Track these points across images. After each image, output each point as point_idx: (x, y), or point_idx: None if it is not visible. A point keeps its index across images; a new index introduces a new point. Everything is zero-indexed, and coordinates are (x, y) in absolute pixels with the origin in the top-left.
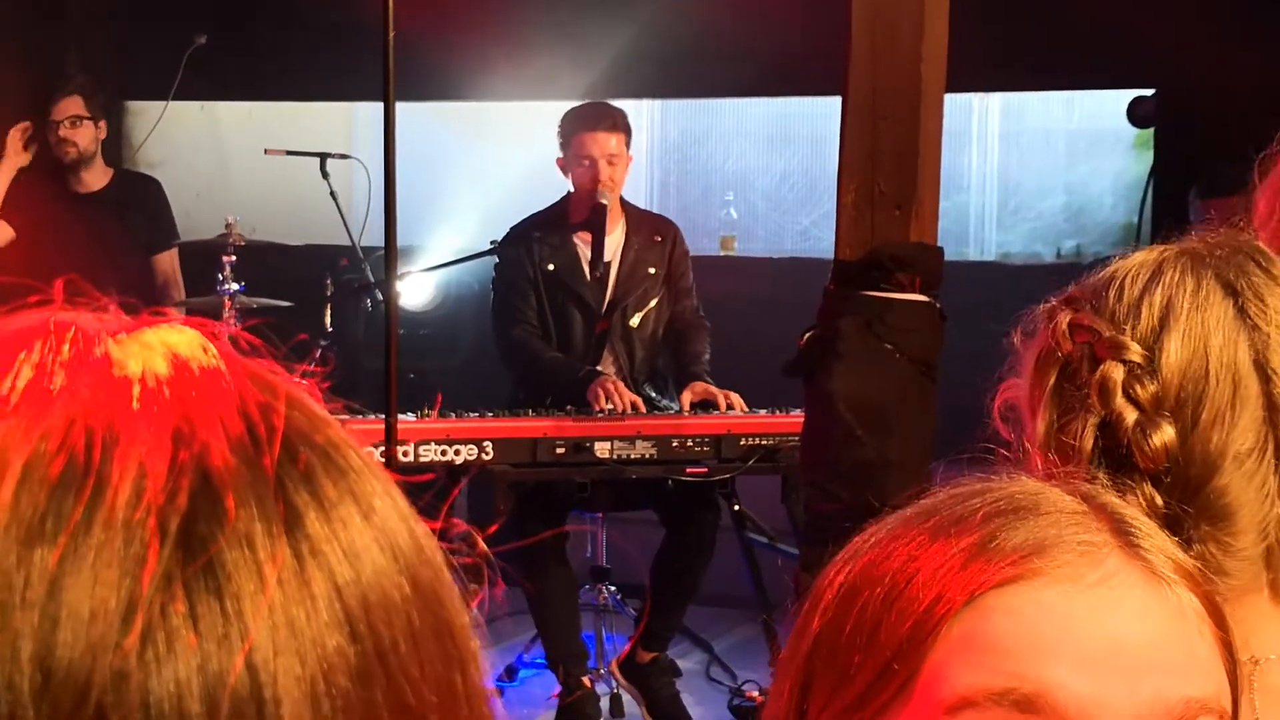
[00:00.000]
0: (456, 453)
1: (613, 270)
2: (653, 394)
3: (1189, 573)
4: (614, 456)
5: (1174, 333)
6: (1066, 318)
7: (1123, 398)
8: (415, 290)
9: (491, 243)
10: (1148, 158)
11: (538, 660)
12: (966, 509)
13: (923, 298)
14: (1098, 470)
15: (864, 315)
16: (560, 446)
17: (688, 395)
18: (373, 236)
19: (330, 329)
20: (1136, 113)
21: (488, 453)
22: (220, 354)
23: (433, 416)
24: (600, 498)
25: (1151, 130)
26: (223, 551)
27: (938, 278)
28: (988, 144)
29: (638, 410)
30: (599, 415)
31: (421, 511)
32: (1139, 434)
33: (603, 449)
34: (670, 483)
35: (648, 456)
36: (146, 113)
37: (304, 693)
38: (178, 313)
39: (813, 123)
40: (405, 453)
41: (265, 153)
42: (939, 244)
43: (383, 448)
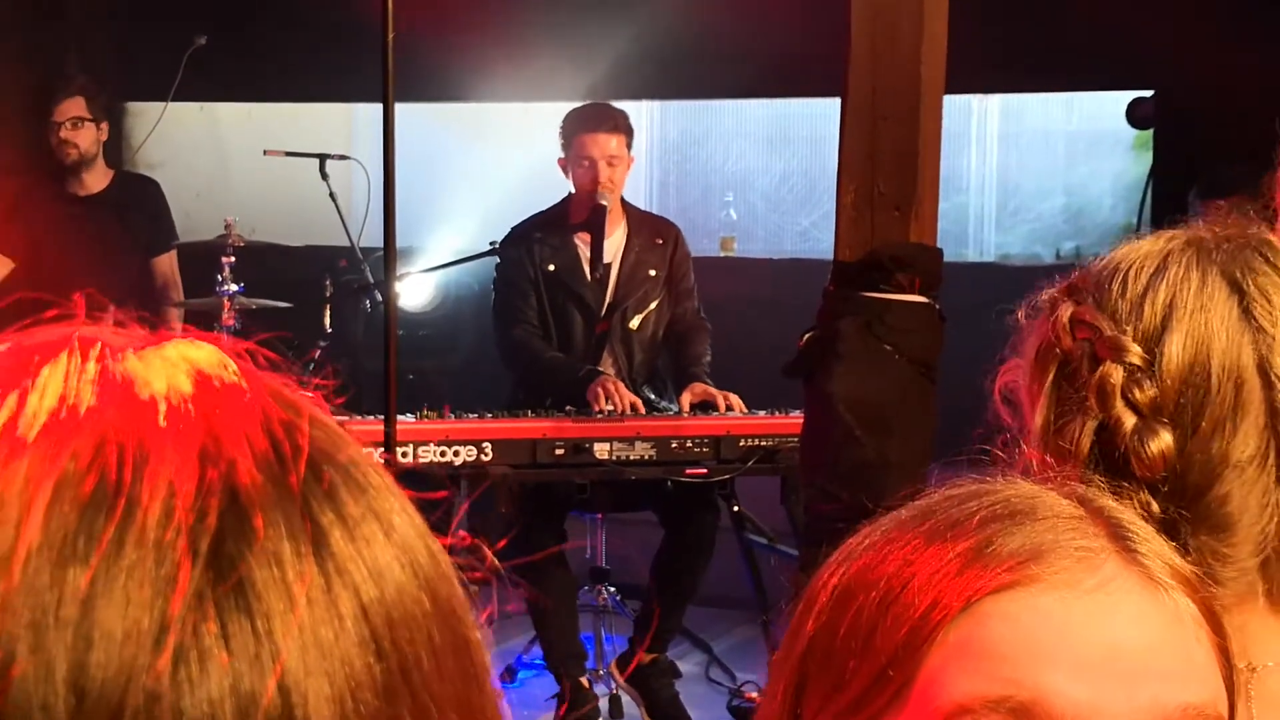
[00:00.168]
0: (456, 454)
1: (613, 272)
2: (651, 395)
3: (1186, 578)
4: (613, 457)
5: (1176, 334)
6: (1068, 310)
7: (1121, 402)
8: (414, 291)
9: (491, 244)
10: (1147, 159)
11: (537, 661)
12: (962, 512)
13: (922, 299)
14: (1094, 474)
15: (864, 316)
16: (560, 447)
17: (687, 396)
18: (372, 237)
19: (329, 330)
20: (1136, 114)
21: (487, 454)
22: (240, 370)
23: (433, 418)
24: (600, 499)
25: (1151, 131)
26: (252, 571)
27: (937, 279)
28: (987, 145)
29: (637, 411)
30: (598, 416)
31: (429, 521)
32: (1137, 440)
33: (602, 450)
34: (670, 484)
35: (647, 457)
36: (146, 113)
37: (334, 713)
38: (177, 314)
39: (812, 123)
40: (404, 454)
41: (265, 153)
42: (938, 245)
43: (382, 449)
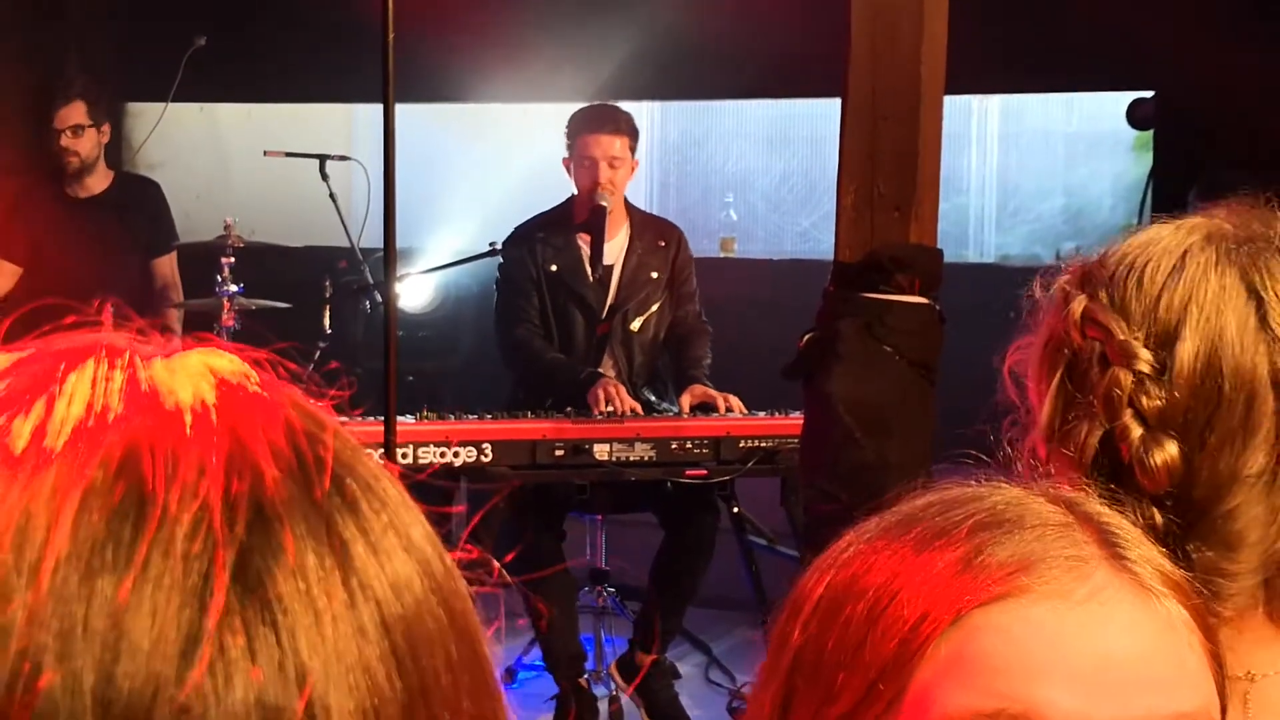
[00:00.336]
0: (455, 455)
1: (615, 274)
2: (651, 398)
3: (1176, 583)
4: (613, 458)
5: (1189, 340)
6: (1080, 306)
7: (1129, 411)
8: (414, 292)
9: (491, 244)
10: (1147, 160)
11: (536, 662)
12: (949, 521)
13: (922, 300)
14: (1096, 481)
15: (863, 317)
16: (559, 448)
17: (687, 398)
18: (372, 238)
19: (329, 331)
20: (1136, 114)
21: (487, 455)
22: (262, 381)
23: (433, 419)
24: (599, 500)
25: (1151, 132)
26: (278, 583)
27: (937, 279)
28: (987, 146)
29: (637, 414)
30: (598, 418)
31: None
32: (1142, 452)
33: (602, 451)
34: (669, 485)
35: (647, 459)
36: (146, 114)
37: None
38: (177, 315)
39: (812, 124)
40: (404, 454)
41: (265, 154)
42: (938, 246)
43: (381, 450)
